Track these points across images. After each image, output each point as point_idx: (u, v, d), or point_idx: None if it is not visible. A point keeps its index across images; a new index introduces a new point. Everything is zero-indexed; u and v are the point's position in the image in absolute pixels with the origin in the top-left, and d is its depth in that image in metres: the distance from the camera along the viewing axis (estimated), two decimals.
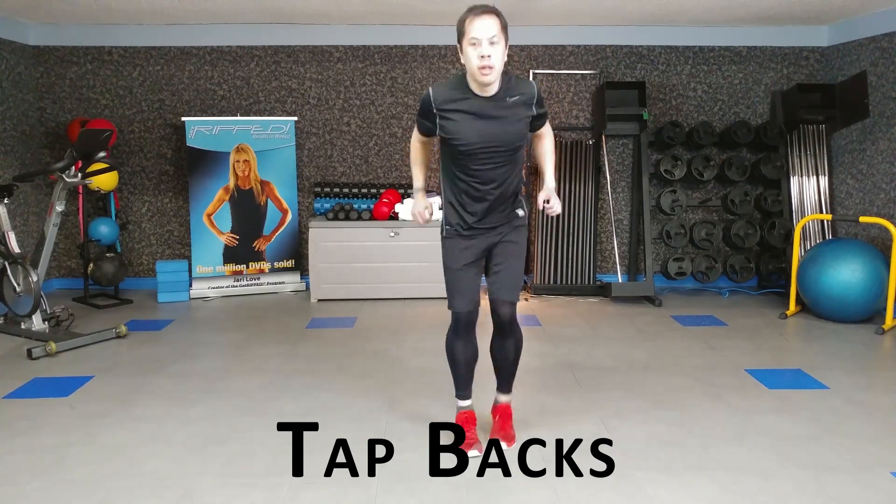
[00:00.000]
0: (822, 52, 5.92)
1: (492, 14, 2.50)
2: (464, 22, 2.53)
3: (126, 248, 5.99)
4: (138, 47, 5.78)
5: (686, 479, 2.61)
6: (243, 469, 2.70)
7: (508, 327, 2.83)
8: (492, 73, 2.50)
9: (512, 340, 2.87)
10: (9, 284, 4.55)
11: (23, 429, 3.09)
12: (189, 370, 3.88)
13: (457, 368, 2.91)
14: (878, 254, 4.71)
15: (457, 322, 2.82)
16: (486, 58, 2.46)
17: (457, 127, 2.61)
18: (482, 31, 2.46)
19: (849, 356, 4.09)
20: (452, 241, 2.79)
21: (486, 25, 2.47)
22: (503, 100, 2.61)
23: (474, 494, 2.51)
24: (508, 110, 2.61)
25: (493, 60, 2.47)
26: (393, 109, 5.96)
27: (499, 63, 2.50)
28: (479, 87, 2.57)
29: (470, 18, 2.51)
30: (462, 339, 2.84)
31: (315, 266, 5.50)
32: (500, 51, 2.49)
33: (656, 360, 4.05)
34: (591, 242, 5.83)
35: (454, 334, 2.86)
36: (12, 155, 5.44)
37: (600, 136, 5.86)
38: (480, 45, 2.47)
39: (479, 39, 2.47)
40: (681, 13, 5.30)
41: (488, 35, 2.46)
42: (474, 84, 2.58)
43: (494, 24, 2.48)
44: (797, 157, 5.80)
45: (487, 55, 2.46)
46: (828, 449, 2.86)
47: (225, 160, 5.63)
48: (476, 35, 2.47)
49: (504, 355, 2.91)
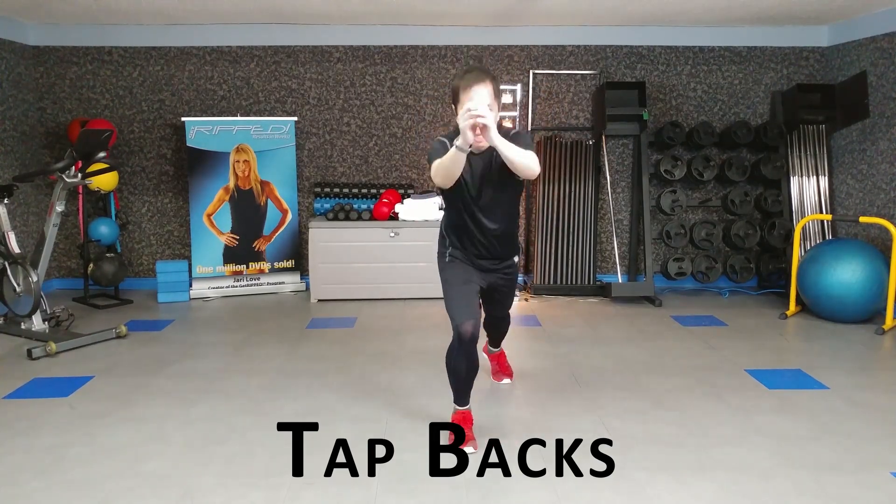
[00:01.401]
0: (822, 53, 5.92)
1: (485, 83, 2.63)
2: (458, 90, 2.67)
3: (126, 248, 5.99)
4: (138, 47, 5.78)
5: (686, 479, 2.61)
6: (243, 469, 2.70)
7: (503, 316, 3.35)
8: (485, 141, 2.60)
9: (505, 321, 3.38)
10: (9, 284, 4.55)
11: (23, 429, 3.09)
12: (189, 370, 3.88)
13: (457, 382, 2.94)
14: (878, 254, 4.71)
15: (460, 338, 2.80)
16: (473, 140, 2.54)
17: (456, 182, 2.73)
18: (476, 100, 2.59)
19: (849, 356, 4.09)
20: (454, 264, 2.96)
21: (479, 96, 2.61)
22: (494, 155, 2.73)
23: (474, 494, 2.51)
24: (499, 166, 2.72)
25: None
26: (393, 109, 5.96)
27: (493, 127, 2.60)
28: (474, 146, 2.65)
29: (464, 88, 2.64)
30: (465, 355, 2.84)
31: (315, 266, 5.50)
32: (492, 117, 2.56)
33: (656, 360, 4.05)
34: (591, 242, 5.83)
35: (458, 349, 2.84)
36: (12, 155, 5.44)
37: (600, 137, 5.86)
38: None
39: None
40: (681, 13, 5.30)
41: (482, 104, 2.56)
42: None
43: (488, 94, 2.63)
44: (797, 158, 5.80)
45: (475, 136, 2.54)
46: (828, 449, 2.86)
47: (225, 160, 5.63)
48: (470, 105, 2.54)
49: (499, 329, 3.44)
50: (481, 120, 2.44)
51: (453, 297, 2.86)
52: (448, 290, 2.89)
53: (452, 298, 2.86)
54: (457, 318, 2.80)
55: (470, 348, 2.81)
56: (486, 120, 2.44)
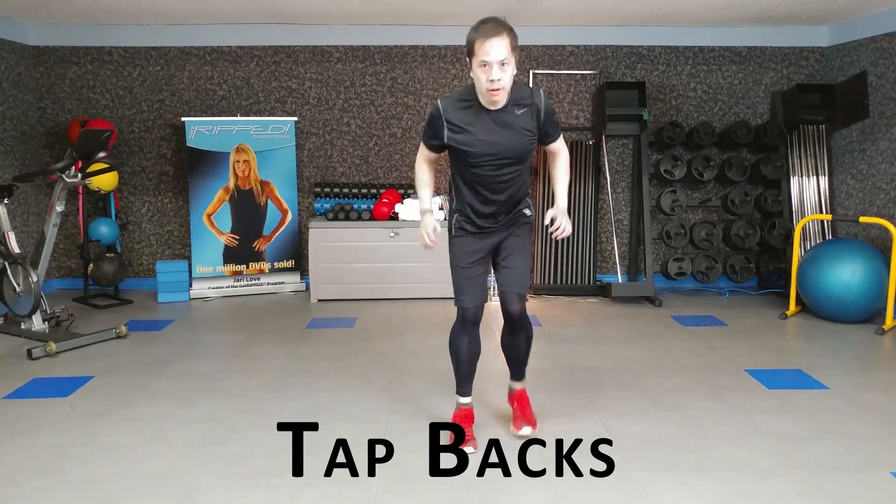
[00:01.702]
0: (822, 53, 5.92)
1: (502, 35, 2.49)
2: (473, 42, 2.52)
3: (126, 248, 5.99)
4: (138, 47, 5.78)
5: (686, 479, 2.61)
6: (243, 469, 2.70)
7: (519, 322, 2.87)
8: (501, 93, 2.56)
9: (523, 335, 2.93)
10: (9, 284, 4.55)
11: (23, 429, 3.09)
12: (189, 370, 3.88)
13: (460, 364, 2.95)
14: (878, 254, 4.71)
15: (463, 318, 2.85)
16: (495, 81, 2.50)
17: (466, 138, 2.66)
18: (492, 54, 2.47)
19: (849, 356, 4.09)
20: (461, 240, 2.85)
21: (496, 49, 2.47)
22: (511, 112, 2.65)
23: (474, 494, 2.51)
24: (515, 121, 2.65)
25: (502, 83, 2.53)
26: (393, 109, 5.96)
27: (508, 83, 2.56)
28: (487, 102, 2.62)
29: (480, 40, 2.49)
30: (467, 335, 2.89)
31: (315, 266, 5.50)
32: (509, 72, 2.53)
33: (656, 360, 4.05)
34: (591, 242, 5.83)
35: (460, 329, 2.89)
36: (12, 155, 5.44)
37: (600, 137, 5.86)
38: (491, 68, 2.49)
39: (490, 63, 2.48)
40: (681, 13, 5.30)
41: (498, 59, 2.48)
42: (483, 98, 2.61)
43: (505, 47, 2.49)
44: (797, 158, 5.80)
45: (497, 79, 2.50)
46: (828, 449, 2.86)
47: (225, 160, 5.63)
48: (486, 59, 2.48)
49: (517, 350, 2.98)
50: (559, 234, 2.77)
51: (459, 277, 2.85)
52: (455, 270, 2.87)
53: (458, 279, 2.85)
54: (460, 299, 2.83)
55: (472, 328, 2.86)
56: (565, 231, 2.76)
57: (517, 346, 2.97)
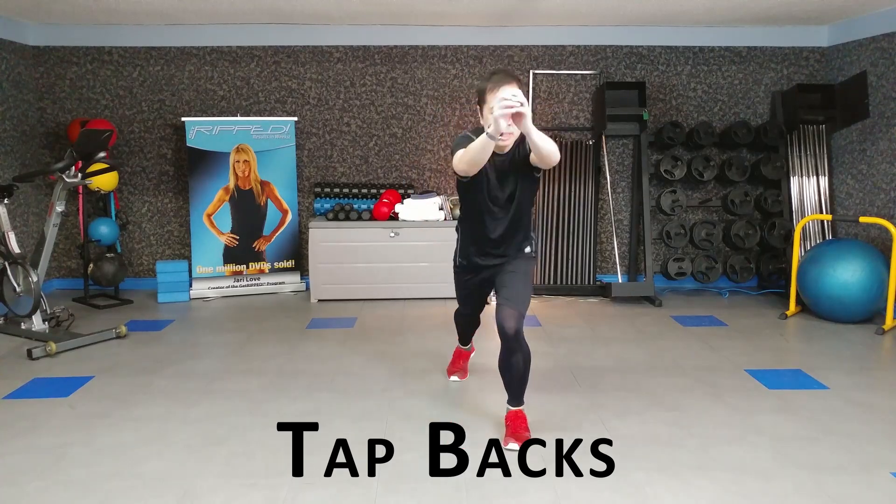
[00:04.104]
0: (822, 53, 5.92)
1: (511, 84, 2.64)
2: (485, 91, 2.68)
3: (126, 248, 5.99)
4: (138, 47, 5.78)
5: (686, 479, 2.61)
6: (243, 469, 2.70)
7: (514, 342, 2.80)
8: (510, 140, 2.73)
9: (519, 355, 2.85)
10: (9, 284, 4.55)
11: (23, 429, 3.09)
12: (189, 370, 3.88)
13: (458, 327, 3.57)
14: (878, 254, 4.71)
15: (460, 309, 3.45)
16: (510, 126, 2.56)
17: (477, 178, 2.80)
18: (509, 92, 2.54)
19: (849, 356, 4.09)
20: (462, 274, 3.20)
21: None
22: (516, 154, 2.79)
23: (474, 494, 2.51)
24: (521, 163, 2.79)
25: (512, 129, 2.64)
26: (393, 110, 5.96)
27: (517, 131, 2.65)
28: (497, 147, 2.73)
29: (490, 89, 2.65)
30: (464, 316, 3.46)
31: (315, 266, 5.50)
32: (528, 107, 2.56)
33: (656, 360, 4.05)
34: (591, 242, 5.83)
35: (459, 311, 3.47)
36: (12, 155, 5.44)
37: (600, 137, 5.86)
38: None
39: None
40: (681, 13, 5.30)
41: None
42: None
43: None
44: (797, 158, 5.80)
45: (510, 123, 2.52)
46: (828, 449, 2.86)
47: (225, 160, 5.63)
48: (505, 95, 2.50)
49: (512, 371, 2.88)
50: (519, 109, 2.39)
51: (459, 296, 3.35)
52: (456, 290, 3.33)
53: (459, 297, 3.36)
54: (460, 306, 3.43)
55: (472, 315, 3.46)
56: (524, 109, 2.40)
57: (512, 367, 2.86)
